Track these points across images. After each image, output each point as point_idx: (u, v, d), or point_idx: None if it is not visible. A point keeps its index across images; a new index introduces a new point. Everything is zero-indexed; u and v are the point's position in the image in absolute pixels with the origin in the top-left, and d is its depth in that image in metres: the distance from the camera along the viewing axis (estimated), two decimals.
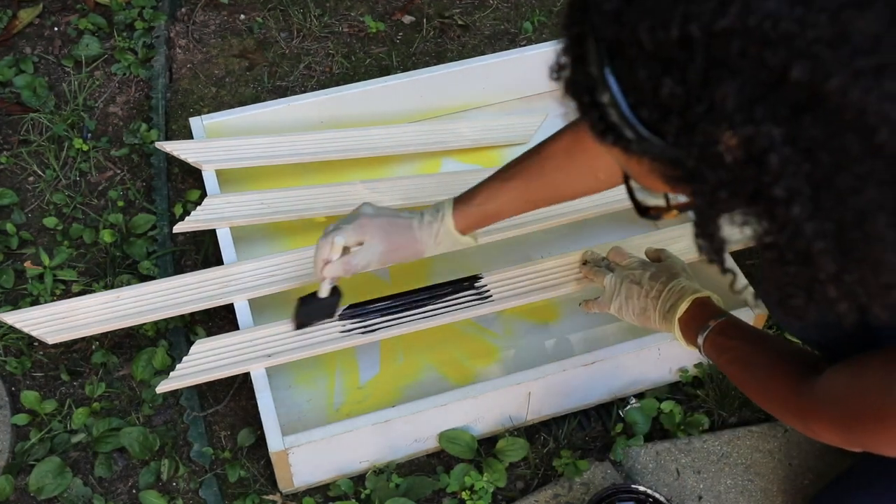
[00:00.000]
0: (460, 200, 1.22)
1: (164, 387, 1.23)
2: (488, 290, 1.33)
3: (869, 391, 0.81)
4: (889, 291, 0.63)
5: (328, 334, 1.27)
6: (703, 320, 1.09)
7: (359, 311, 1.30)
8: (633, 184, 0.77)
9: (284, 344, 1.26)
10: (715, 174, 0.62)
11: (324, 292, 1.24)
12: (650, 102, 0.61)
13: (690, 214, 0.70)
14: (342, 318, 1.29)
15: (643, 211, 0.79)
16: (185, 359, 1.25)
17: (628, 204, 0.82)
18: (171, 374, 1.24)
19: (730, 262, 0.69)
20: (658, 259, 1.24)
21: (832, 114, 0.56)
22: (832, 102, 0.55)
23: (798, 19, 0.55)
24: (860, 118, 0.55)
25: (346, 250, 1.20)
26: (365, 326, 1.28)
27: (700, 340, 1.08)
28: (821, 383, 0.89)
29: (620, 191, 0.85)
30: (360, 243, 1.20)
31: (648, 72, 0.59)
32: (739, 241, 0.71)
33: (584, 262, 1.33)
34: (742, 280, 1.32)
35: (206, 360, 1.25)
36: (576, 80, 0.65)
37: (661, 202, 0.79)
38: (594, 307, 1.27)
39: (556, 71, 0.66)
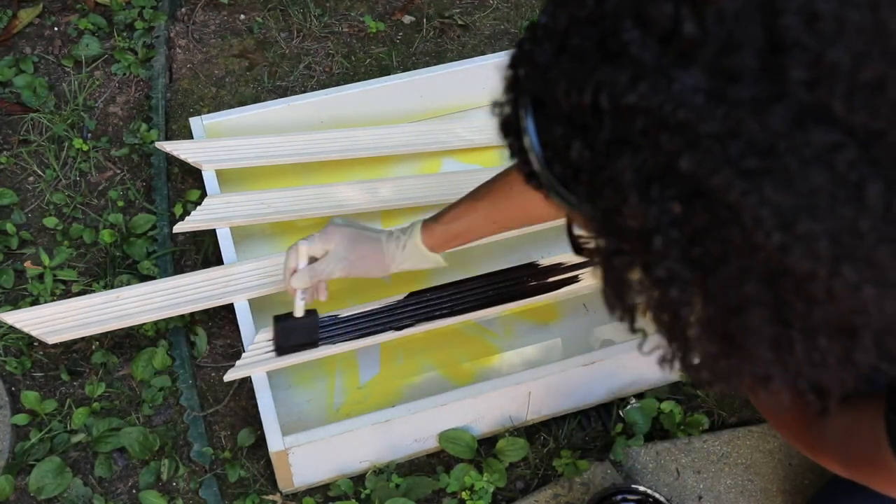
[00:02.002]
0: (430, 219, 1.23)
1: (231, 375, 1.23)
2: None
3: (864, 440, 0.84)
4: (761, 384, 0.63)
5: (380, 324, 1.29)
6: None
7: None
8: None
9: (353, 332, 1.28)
10: (614, 240, 0.62)
11: (299, 311, 1.20)
12: (562, 160, 0.62)
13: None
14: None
15: (578, 249, 0.78)
16: (250, 347, 1.25)
17: None
18: (238, 362, 1.24)
19: (640, 323, 0.68)
20: None
21: (717, 206, 0.55)
22: (716, 196, 0.55)
23: (697, 109, 0.54)
24: (739, 217, 0.55)
25: (312, 260, 1.19)
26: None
27: None
28: (829, 420, 0.91)
29: None
30: (327, 252, 1.19)
31: (563, 131, 0.60)
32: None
33: None
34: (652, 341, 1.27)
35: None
36: (508, 121, 0.67)
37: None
38: None
39: (498, 107, 0.67)
